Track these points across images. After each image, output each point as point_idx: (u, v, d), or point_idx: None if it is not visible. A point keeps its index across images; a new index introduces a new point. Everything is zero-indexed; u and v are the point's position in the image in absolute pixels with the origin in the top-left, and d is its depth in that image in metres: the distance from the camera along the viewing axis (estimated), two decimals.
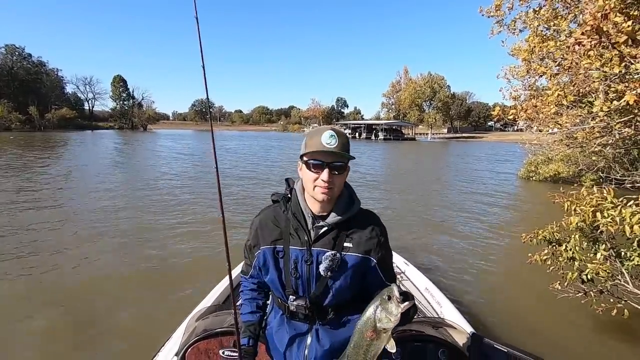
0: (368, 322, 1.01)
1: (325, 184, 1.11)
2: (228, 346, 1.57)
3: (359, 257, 1.18)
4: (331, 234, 1.19)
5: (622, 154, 7.47)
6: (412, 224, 7.61)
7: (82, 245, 5.63)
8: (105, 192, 9.93)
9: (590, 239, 1.86)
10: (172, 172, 14.52)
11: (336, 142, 1.10)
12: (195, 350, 1.59)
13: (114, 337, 3.24)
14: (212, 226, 6.69)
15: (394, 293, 0.99)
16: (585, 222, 1.65)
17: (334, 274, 1.16)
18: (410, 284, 3.10)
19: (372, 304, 1.02)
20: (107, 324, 3.43)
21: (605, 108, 4.17)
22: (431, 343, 1.57)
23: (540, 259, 2.05)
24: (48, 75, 70.12)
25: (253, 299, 1.37)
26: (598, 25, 2.54)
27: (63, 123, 61.94)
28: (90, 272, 4.69)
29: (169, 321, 2.61)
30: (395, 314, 0.98)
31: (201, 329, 1.65)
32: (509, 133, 69.00)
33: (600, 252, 1.78)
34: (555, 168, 12.26)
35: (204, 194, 9.72)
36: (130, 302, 3.91)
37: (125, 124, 77.64)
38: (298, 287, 1.20)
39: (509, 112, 5.42)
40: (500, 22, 7.01)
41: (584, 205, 1.66)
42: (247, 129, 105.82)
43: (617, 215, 1.53)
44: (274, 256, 1.23)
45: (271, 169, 16.74)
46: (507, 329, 3.25)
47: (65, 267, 4.77)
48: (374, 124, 64.66)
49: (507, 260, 5.46)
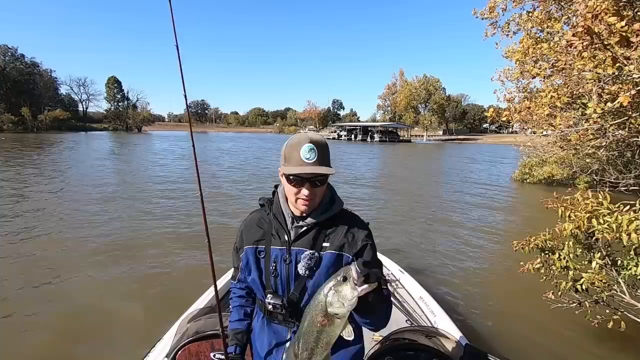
0: (318, 306, 0.90)
1: (307, 198, 1.11)
2: (219, 349, 1.55)
3: (334, 254, 1.16)
4: (311, 233, 1.18)
5: (616, 157, 7.46)
6: (404, 228, 7.53)
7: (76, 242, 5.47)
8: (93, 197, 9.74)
9: (584, 246, 1.77)
10: (164, 174, 14.34)
11: (315, 156, 1.08)
12: (186, 352, 1.57)
13: (104, 337, 3.23)
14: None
15: (351, 273, 0.88)
16: (580, 228, 1.57)
17: (312, 273, 1.15)
18: (404, 292, 3.07)
19: (325, 284, 0.92)
20: (97, 324, 3.41)
21: (599, 110, 4.11)
22: (424, 352, 1.54)
23: (533, 268, 1.96)
24: (41, 76, 69.29)
25: (241, 307, 1.36)
26: (589, 27, 2.47)
27: (56, 124, 61.13)
28: (80, 275, 4.57)
29: (160, 322, 2.58)
30: (350, 298, 0.86)
31: (193, 331, 1.63)
32: (504, 135, 69.53)
33: (595, 260, 1.65)
34: (549, 170, 12.27)
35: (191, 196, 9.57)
36: (123, 302, 3.88)
37: (119, 126, 76.94)
38: (277, 286, 1.20)
39: (503, 114, 5.38)
40: (494, 25, 6.99)
41: (579, 211, 1.58)
42: (243, 131, 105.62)
43: (613, 221, 1.45)
44: (255, 256, 1.24)
45: (259, 169, 16.60)
46: (500, 340, 3.20)
47: (57, 272, 4.64)
48: (369, 125, 64.76)
49: (501, 268, 5.36)
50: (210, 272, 1.35)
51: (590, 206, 1.55)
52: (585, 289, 1.63)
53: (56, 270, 4.67)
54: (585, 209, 1.55)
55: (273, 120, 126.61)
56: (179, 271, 4.80)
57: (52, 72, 73.05)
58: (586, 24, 2.23)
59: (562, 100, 4.66)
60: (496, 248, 6.43)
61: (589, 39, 2.26)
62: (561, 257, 1.65)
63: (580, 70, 4.62)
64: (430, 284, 4.43)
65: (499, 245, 6.57)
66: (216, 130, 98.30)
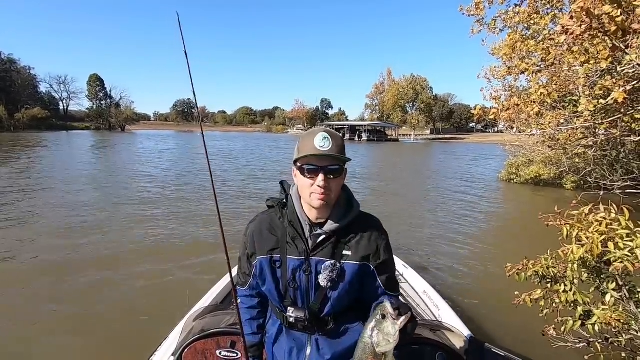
0: (366, 349, 0.94)
1: (322, 189, 1.06)
2: (225, 346, 1.56)
3: (357, 265, 1.13)
4: (330, 242, 1.13)
5: (601, 156, 7.32)
6: (403, 224, 7.26)
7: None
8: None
9: (592, 270, 1.43)
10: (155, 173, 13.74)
11: (330, 145, 1.04)
12: (192, 350, 1.57)
13: (110, 337, 3.22)
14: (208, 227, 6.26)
15: (388, 310, 0.92)
16: (591, 253, 1.23)
17: (335, 284, 1.13)
18: (408, 286, 3.08)
19: (367, 326, 0.96)
20: (102, 323, 3.42)
21: (591, 107, 3.84)
22: (429, 346, 1.55)
23: (530, 300, 1.62)
24: (19, 73, 66.91)
25: (253, 319, 1.32)
26: (588, 8, 2.15)
27: (35, 123, 59.00)
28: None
29: (166, 321, 2.55)
30: (393, 333, 0.91)
31: (199, 329, 1.62)
32: (490, 134, 70.53)
33: (609, 292, 1.31)
34: (536, 170, 12.16)
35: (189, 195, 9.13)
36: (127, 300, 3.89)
37: (102, 125, 74.89)
38: (297, 297, 1.17)
39: (490, 112, 5.13)
40: (480, 21, 6.79)
41: (591, 232, 1.24)
42: (230, 130, 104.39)
43: (636, 246, 1.12)
44: (271, 266, 1.18)
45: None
46: (505, 334, 3.17)
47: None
48: (357, 125, 64.69)
49: (505, 261, 5.24)
50: (222, 266, 1.26)
51: (604, 224, 1.22)
52: (599, 330, 1.30)
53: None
54: (597, 229, 1.22)
55: (261, 120, 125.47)
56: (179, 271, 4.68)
57: (30, 69, 70.77)
58: (586, 4, 1.91)
59: (552, 96, 4.38)
60: (499, 243, 6.41)
61: (588, 21, 1.94)
62: (568, 290, 1.31)
63: (570, 65, 4.36)
64: (433, 279, 4.42)
65: (502, 240, 6.61)
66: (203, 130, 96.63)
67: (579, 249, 1.25)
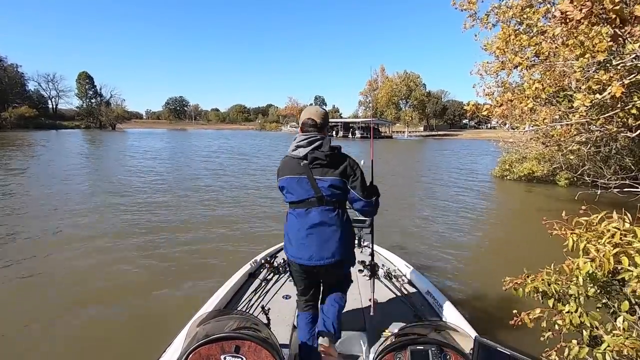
0: None
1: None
2: (230, 351, 1.56)
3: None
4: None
5: (595, 153, 7.22)
6: (401, 222, 7.10)
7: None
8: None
9: (599, 285, 1.28)
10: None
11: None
12: (196, 355, 1.56)
13: (114, 343, 3.21)
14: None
15: None
16: (602, 268, 1.07)
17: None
18: (411, 287, 3.08)
19: None
20: (106, 330, 3.42)
21: (588, 102, 3.69)
22: (434, 346, 1.54)
23: (530, 320, 1.45)
24: (6, 71, 65.33)
25: None
26: None
27: (22, 122, 57.71)
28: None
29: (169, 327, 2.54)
30: None
31: (202, 334, 1.62)
32: (483, 131, 70.85)
33: (622, 314, 1.16)
34: (529, 167, 12.09)
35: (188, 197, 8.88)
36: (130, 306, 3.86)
37: (92, 123, 73.68)
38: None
39: (483, 109, 4.99)
40: (473, 16, 6.64)
41: (602, 245, 1.07)
42: (223, 128, 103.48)
43: None
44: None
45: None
46: (510, 332, 3.08)
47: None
48: (351, 122, 64.41)
49: (508, 259, 5.19)
50: (223, 270, 1.22)
51: (617, 235, 1.05)
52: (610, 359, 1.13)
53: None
54: (609, 241, 1.05)
55: (255, 117, 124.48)
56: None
57: (18, 67, 69.13)
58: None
59: (547, 91, 4.22)
60: (504, 240, 6.39)
61: (589, 4, 1.77)
62: (574, 311, 1.14)
63: (565, 58, 4.21)
64: (436, 278, 4.41)
65: (507, 237, 6.55)
66: (195, 128, 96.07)
67: (587, 264, 1.08)
